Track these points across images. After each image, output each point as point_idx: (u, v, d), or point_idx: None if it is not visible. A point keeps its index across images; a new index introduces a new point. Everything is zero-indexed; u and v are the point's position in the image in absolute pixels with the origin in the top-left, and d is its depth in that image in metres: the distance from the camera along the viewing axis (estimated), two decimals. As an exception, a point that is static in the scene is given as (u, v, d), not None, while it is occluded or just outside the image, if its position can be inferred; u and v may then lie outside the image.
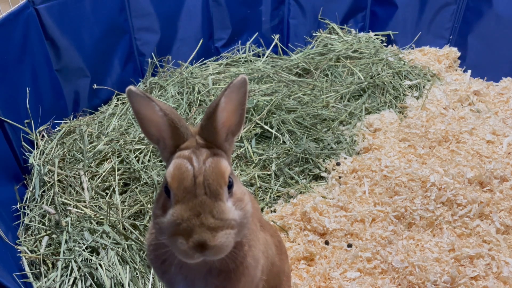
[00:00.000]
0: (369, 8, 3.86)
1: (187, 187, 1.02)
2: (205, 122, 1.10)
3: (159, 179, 2.23)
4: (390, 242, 1.94)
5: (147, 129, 1.12)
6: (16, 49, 2.43)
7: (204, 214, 1.00)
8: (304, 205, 2.13)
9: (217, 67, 3.50)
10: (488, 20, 3.30)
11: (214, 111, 1.08)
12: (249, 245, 1.19)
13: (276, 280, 1.48)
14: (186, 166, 1.04)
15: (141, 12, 3.24)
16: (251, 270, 1.19)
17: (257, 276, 1.25)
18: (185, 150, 1.08)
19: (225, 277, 1.15)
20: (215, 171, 1.04)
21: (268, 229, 1.49)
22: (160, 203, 1.08)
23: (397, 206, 2.12)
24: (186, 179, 1.02)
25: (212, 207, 1.01)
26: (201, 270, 1.15)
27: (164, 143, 1.12)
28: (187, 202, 1.01)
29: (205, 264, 1.13)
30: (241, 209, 1.06)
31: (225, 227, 1.01)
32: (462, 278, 1.79)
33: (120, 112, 2.91)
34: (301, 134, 2.65)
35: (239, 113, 1.12)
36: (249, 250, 1.18)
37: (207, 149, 1.08)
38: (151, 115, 1.09)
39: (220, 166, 1.05)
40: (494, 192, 2.18)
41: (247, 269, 1.17)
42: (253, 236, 1.22)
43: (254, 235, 1.24)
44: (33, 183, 2.30)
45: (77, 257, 1.84)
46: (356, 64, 3.37)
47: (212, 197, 1.02)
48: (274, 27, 3.85)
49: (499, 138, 2.54)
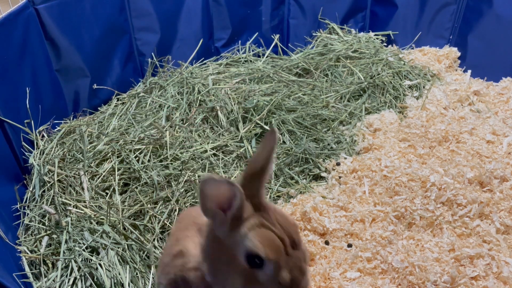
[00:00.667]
0: (369, 8, 3.86)
1: (283, 253, 1.06)
2: (251, 182, 1.10)
3: (159, 179, 2.23)
4: (390, 242, 1.94)
5: (208, 205, 1.09)
6: (16, 49, 2.43)
7: (303, 267, 1.08)
8: (304, 205, 2.13)
9: (217, 67, 3.50)
10: (488, 20, 3.30)
11: (263, 173, 1.10)
12: None
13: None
14: (271, 234, 1.06)
15: (141, 12, 3.24)
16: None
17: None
18: (252, 218, 1.09)
19: None
20: (289, 224, 1.09)
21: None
22: (236, 274, 1.10)
23: (397, 206, 2.12)
24: (279, 246, 1.05)
25: (304, 256, 1.09)
26: None
27: (225, 217, 1.10)
28: (286, 264, 1.06)
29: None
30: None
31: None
32: (462, 278, 1.79)
33: (120, 112, 2.91)
34: (301, 134, 2.65)
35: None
36: None
37: (267, 208, 1.10)
38: (222, 198, 1.07)
39: (287, 216, 1.11)
40: (494, 192, 2.18)
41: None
42: None
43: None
44: (33, 183, 2.30)
45: (77, 257, 1.83)
46: (356, 64, 3.37)
47: (299, 248, 1.08)
48: (274, 27, 3.85)
49: (499, 138, 2.54)
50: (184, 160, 2.34)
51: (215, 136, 2.60)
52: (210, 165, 2.35)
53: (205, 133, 2.63)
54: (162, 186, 2.22)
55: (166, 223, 2.09)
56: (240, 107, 2.70)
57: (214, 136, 2.60)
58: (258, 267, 1.06)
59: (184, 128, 2.62)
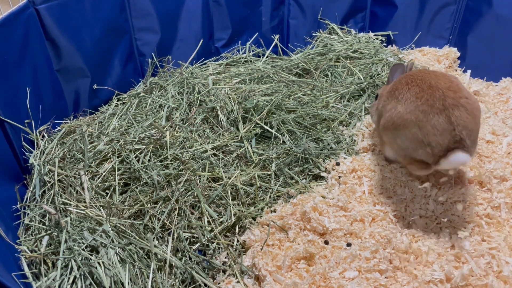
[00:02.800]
0: (369, 8, 3.87)
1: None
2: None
3: (159, 179, 2.24)
4: (389, 241, 1.94)
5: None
6: (16, 49, 2.44)
7: None
8: (304, 205, 2.14)
9: (217, 67, 3.51)
10: (488, 20, 3.30)
11: None
12: None
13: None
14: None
15: (142, 12, 3.25)
16: None
17: None
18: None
19: None
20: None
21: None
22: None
23: (397, 206, 2.12)
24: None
25: None
26: None
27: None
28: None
29: None
30: None
31: None
32: (462, 276, 1.79)
33: (120, 112, 2.92)
34: (301, 134, 2.65)
35: None
36: None
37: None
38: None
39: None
40: (493, 192, 2.18)
41: None
42: None
43: None
44: (34, 183, 2.31)
45: (76, 256, 1.84)
46: (356, 64, 3.38)
47: None
48: (274, 27, 3.86)
49: (498, 138, 2.55)
50: (184, 160, 2.35)
51: (215, 136, 2.60)
52: (210, 165, 2.36)
53: (205, 133, 2.63)
54: (162, 186, 2.22)
55: (166, 223, 2.09)
56: (240, 107, 2.71)
57: (214, 136, 2.60)
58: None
59: (184, 128, 2.63)
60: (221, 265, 2.00)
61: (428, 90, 2.04)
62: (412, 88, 2.11)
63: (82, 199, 2.21)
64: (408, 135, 2.05)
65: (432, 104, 1.99)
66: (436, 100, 2.00)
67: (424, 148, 2.01)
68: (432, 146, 1.98)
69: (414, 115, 2.02)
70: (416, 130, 2.01)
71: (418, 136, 2.00)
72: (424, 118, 1.99)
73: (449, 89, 2.04)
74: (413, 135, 2.02)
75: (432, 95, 2.02)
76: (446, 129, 1.95)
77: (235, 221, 2.15)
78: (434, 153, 1.99)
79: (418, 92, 2.06)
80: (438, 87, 2.04)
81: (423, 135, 1.99)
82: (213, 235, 2.07)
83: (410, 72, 2.28)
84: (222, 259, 2.02)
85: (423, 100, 2.02)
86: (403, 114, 2.06)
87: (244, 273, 1.96)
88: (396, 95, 2.18)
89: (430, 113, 1.98)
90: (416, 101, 2.04)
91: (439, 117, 1.96)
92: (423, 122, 1.99)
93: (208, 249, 2.06)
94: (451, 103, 1.98)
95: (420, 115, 2.00)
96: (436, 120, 1.96)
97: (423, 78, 2.12)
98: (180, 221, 2.10)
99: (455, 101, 1.99)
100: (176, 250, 2.02)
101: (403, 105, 2.09)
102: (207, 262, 2.00)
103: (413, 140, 2.04)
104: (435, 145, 1.96)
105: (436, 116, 1.97)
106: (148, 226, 2.10)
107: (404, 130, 2.07)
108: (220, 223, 2.12)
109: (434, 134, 1.96)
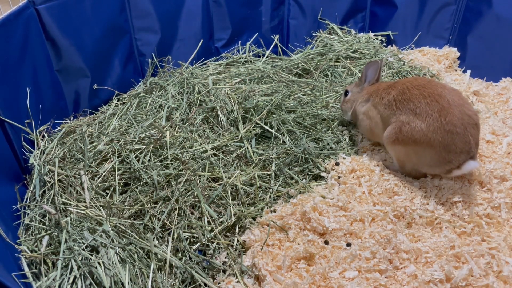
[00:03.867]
0: (369, 8, 3.87)
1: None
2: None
3: (159, 179, 2.24)
4: (389, 241, 1.94)
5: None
6: (16, 49, 2.44)
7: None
8: (304, 205, 2.14)
9: (217, 67, 3.51)
10: (488, 21, 3.30)
11: None
12: None
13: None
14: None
15: (142, 12, 3.25)
16: None
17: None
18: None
19: None
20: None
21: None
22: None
23: (397, 206, 2.12)
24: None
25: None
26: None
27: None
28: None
29: None
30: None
31: None
32: (462, 276, 1.80)
33: (120, 112, 2.92)
34: (301, 134, 2.65)
35: None
36: None
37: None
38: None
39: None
40: (493, 192, 2.18)
41: None
42: None
43: None
44: (34, 183, 2.31)
45: (76, 256, 1.84)
46: (356, 65, 3.38)
47: None
48: (274, 28, 3.86)
49: (498, 138, 2.55)
50: (184, 160, 2.35)
51: (215, 136, 2.60)
52: (210, 165, 2.36)
53: (205, 133, 2.63)
54: (162, 186, 2.22)
55: (166, 223, 2.09)
56: (240, 107, 2.71)
57: (214, 136, 2.60)
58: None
59: (184, 128, 2.63)
60: (221, 265, 2.00)
61: (449, 108, 2.10)
62: (432, 103, 2.14)
63: (82, 199, 2.21)
64: (431, 153, 2.13)
65: (455, 123, 2.07)
66: (457, 119, 2.08)
67: (443, 166, 2.12)
68: (452, 163, 2.09)
69: (440, 134, 2.08)
70: (440, 149, 2.10)
71: (442, 155, 2.10)
72: (450, 138, 2.07)
73: (464, 107, 2.13)
74: (437, 154, 2.11)
75: (454, 114, 2.09)
76: (465, 147, 2.07)
77: (235, 221, 2.15)
78: (450, 168, 2.11)
79: (441, 110, 2.11)
80: (456, 104, 2.11)
81: (446, 153, 2.09)
82: (213, 235, 2.07)
83: (416, 82, 2.27)
84: (222, 259, 2.02)
85: (448, 120, 2.08)
86: (427, 132, 2.11)
87: (244, 273, 1.96)
88: (412, 108, 2.19)
89: (455, 133, 2.07)
90: (440, 119, 2.09)
91: (461, 137, 2.07)
92: (448, 141, 2.07)
93: (208, 249, 2.06)
94: (467, 121, 2.09)
95: (445, 135, 2.08)
96: (458, 140, 2.07)
97: (440, 94, 2.15)
98: (180, 221, 2.10)
99: (471, 120, 2.11)
100: (176, 250, 2.02)
101: (424, 122, 2.13)
102: (207, 262, 2.00)
103: (435, 158, 2.13)
104: (455, 162, 2.09)
105: (458, 136, 2.07)
106: (148, 226, 2.10)
107: (426, 148, 2.14)
108: (220, 223, 2.12)
109: (455, 152, 2.07)
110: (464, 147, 2.07)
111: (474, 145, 2.09)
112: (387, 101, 2.33)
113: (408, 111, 2.20)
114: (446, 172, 2.16)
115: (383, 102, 2.36)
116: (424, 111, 2.14)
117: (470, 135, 2.08)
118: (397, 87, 2.31)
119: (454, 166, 2.11)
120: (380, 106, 2.38)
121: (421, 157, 2.18)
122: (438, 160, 2.12)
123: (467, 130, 2.07)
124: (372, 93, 2.48)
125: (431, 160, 2.15)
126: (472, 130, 2.10)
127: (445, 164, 2.12)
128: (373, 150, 2.58)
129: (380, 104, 2.39)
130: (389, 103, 2.31)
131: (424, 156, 2.16)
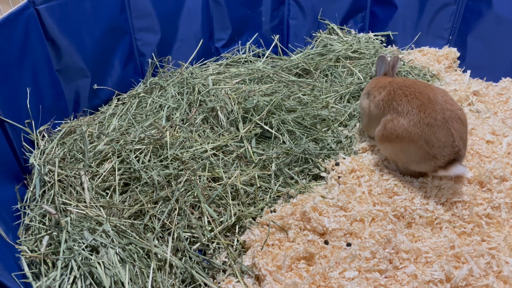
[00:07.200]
0: (369, 8, 3.87)
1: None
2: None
3: (159, 179, 2.24)
4: (389, 241, 1.94)
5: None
6: (16, 49, 2.44)
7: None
8: (304, 205, 2.14)
9: (217, 67, 3.51)
10: (488, 21, 3.30)
11: None
12: None
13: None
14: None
15: (142, 12, 3.25)
16: None
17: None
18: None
19: None
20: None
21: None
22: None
23: (397, 206, 2.12)
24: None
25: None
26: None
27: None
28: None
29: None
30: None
31: None
32: (462, 276, 1.80)
33: (120, 112, 2.92)
34: (301, 134, 2.66)
35: None
36: None
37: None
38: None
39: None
40: (493, 192, 2.18)
41: None
42: None
43: None
44: (34, 183, 2.31)
45: (76, 256, 1.84)
46: (355, 65, 3.38)
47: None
48: (274, 28, 3.86)
49: (498, 138, 2.55)
50: (184, 160, 2.35)
51: (215, 136, 2.60)
52: (210, 165, 2.36)
53: (205, 133, 2.63)
54: (162, 186, 2.22)
55: (166, 223, 2.09)
56: (240, 107, 2.71)
57: (214, 136, 2.60)
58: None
59: (184, 128, 2.63)
60: (221, 264, 2.00)
61: (429, 103, 2.14)
62: (412, 100, 2.20)
63: (82, 199, 2.21)
64: (415, 148, 2.15)
65: (435, 117, 2.10)
66: (437, 113, 2.10)
67: (429, 161, 2.13)
68: (437, 159, 2.10)
69: (420, 128, 2.11)
70: (422, 143, 2.12)
71: (425, 149, 2.11)
72: (430, 131, 2.09)
73: (447, 102, 2.15)
74: (420, 148, 2.13)
75: (433, 109, 2.12)
76: (447, 141, 2.08)
77: (235, 221, 2.15)
78: (437, 165, 2.12)
79: (420, 105, 2.15)
80: (437, 101, 2.15)
81: (429, 148, 2.10)
82: (213, 235, 2.07)
83: (403, 83, 2.34)
84: (222, 258, 2.02)
85: (427, 113, 2.12)
86: (408, 127, 2.15)
87: (244, 272, 1.96)
88: (394, 106, 2.26)
89: (434, 126, 2.09)
90: (419, 114, 2.13)
91: (441, 129, 2.08)
92: (429, 135, 2.09)
93: (208, 249, 2.06)
94: (449, 115, 2.11)
95: (425, 128, 2.10)
96: (439, 132, 2.08)
97: (421, 92, 2.21)
98: (180, 221, 2.10)
99: (453, 114, 2.12)
100: (176, 250, 2.02)
101: (405, 118, 2.17)
102: (207, 262, 2.00)
103: (419, 153, 2.14)
104: (440, 157, 2.09)
105: (439, 129, 2.08)
106: (148, 226, 2.10)
107: (410, 143, 2.16)
108: (220, 223, 2.12)
109: (438, 146, 2.08)
110: (447, 140, 2.07)
111: (458, 139, 2.08)
112: (377, 101, 2.40)
113: (392, 110, 2.27)
114: (433, 170, 2.17)
115: (375, 101, 2.43)
116: (405, 108, 2.20)
117: (453, 128, 2.08)
118: (387, 88, 2.38)
119: (440, 163, 2.11)
120: (372, 104, 2.47)
121: (407, 154, 2.21)
122: (423, 155, 2.14)
123: (448, 123, 2.08)
124: (371, 89, 2.54)
125: (416, 155, 2.17)
126: (455, 124, 2.10)
127: (431, 160, 2.12)
128: (373, 150, 2.58)
129: (372, 102, 2.47)
130: (378, 103, 2.39)
131: (409, 152, 2.19)
